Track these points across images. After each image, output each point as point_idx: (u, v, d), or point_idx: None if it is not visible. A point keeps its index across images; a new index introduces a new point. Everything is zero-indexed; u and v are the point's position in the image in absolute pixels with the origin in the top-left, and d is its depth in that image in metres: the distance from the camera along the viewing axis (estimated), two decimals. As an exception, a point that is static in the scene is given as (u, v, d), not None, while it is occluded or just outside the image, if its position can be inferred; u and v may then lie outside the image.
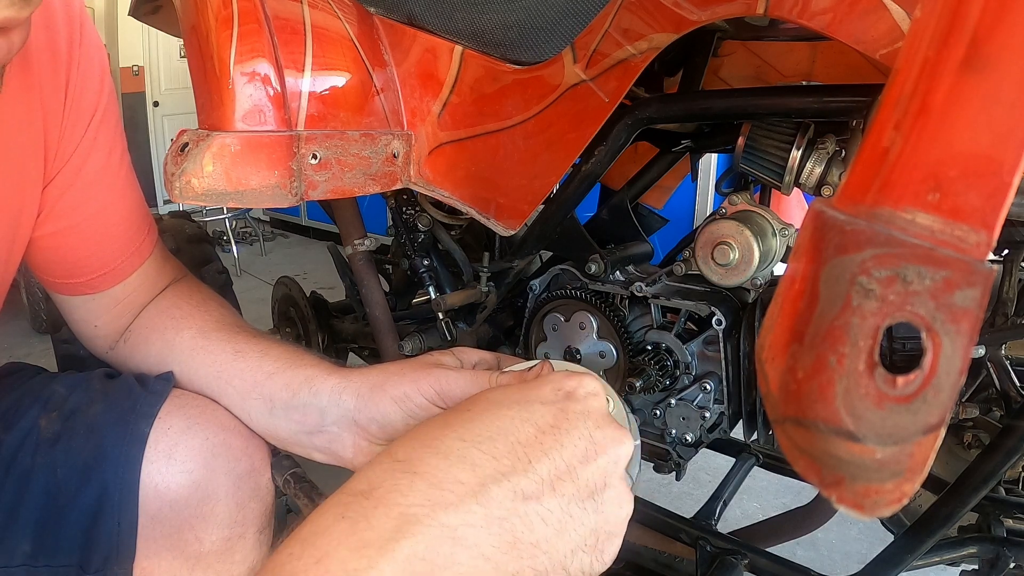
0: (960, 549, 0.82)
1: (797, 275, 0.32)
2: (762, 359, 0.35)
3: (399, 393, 0.54)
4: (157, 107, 5.61)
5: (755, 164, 0.70)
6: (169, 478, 0.57)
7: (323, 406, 0.57)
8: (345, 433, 0.57)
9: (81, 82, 0.61)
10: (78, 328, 0.71)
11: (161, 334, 0.67)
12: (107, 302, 0.68)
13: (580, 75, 0.68)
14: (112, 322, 0.69)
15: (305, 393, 0.58)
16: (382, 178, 0.79)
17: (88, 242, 0.65)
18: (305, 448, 0.60)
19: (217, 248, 1.56)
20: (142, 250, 0.69)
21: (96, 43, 0.63)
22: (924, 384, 0.26)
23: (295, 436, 0.60)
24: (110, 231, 0.66)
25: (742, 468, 0.96)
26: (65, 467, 0.56)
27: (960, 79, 0.26)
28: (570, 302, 0.82)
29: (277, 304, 1.47)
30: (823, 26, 0.50)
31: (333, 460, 0.59)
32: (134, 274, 0.68)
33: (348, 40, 0.78)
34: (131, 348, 0.68)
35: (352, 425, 0.57)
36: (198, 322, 0.67)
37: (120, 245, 0.67)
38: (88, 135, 0.62)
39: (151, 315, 0.69)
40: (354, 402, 0.56)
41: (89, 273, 0.66)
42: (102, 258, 0.66)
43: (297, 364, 0.61)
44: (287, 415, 0.59)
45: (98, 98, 0.63)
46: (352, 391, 0.57)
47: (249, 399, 0.61)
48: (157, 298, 0.70)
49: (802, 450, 0.31)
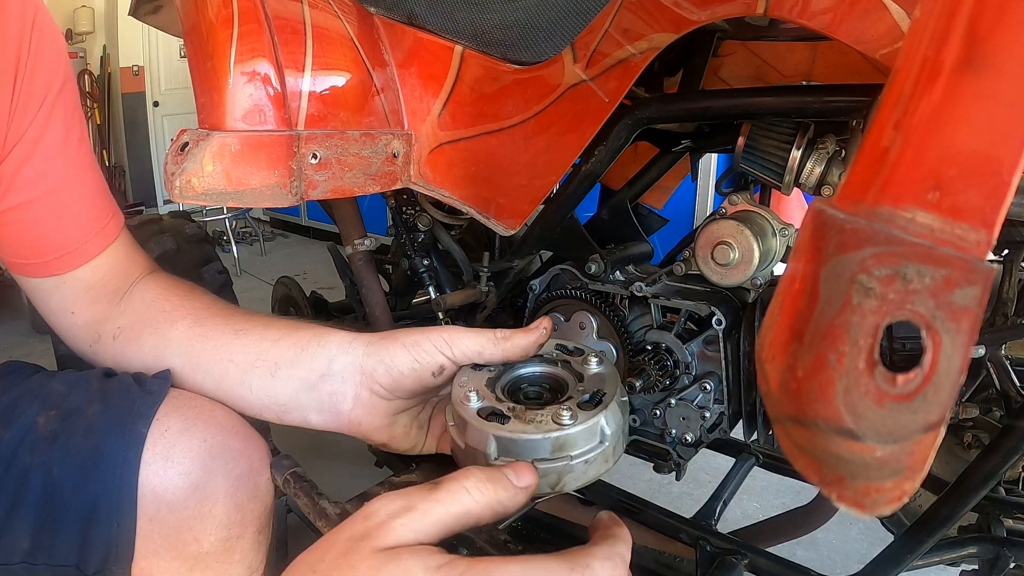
0: (960, 549, 0.82)
1: (797, 274, 0.32)
2: (762, 358, 0.35)
3: (410, 340, 0.58)
4: (157, 107, 5.61)
5: (755, 164, 0.70)
6: (167, 480, 0.57)
7: (332, 354, 0.60)
8: (347, 385, 0.59)
9: (34, 62, 0.61)
10: (56, 320, 0.70)
11: (154, 329, 0.66)
12: (79, 287, 0.67)
13: (580, 75, 0.69)
14: (88, 309, 0.68)
15: (314, 346, 0.61)
16: (382, 178, 0.79)
17: (49, 218, 0.64)
18: (303, 410, 0.61)
19: (217, 248, 1.56)
20: (107, 231, 0.68)
21: (52, 27, 0.64)
22: (924, 382, 0.26)
23: (295, 396, 0.61)
24: (70, 208, 0.65)
25: (742, 468, 0.96)
26: (63, 467, 0.56)
27: (960, 79, 0.26)
28: (570, 302, 0.82)
29: (277, 304, 1.47)
30: (823, 26, 0.51)
31: (329, 419, 0.61)
32: (102, 255, 0.68)
33: (348, 40, 0.78)
34: (123, 345, 0.68)
35: (357, 374, 0.59)
36: (190, 312, 0.67)
37: (82, 223, 0.66)
38: (43, 111, 0.62)
39: (138, 310, 0.68)
40: (364, 348, 0.59)
41: (52, 252, 0.65)
42: (65, 235, 0.65)
43: (305, 327, 0.63)
44: (290, 373, 0.60)
45: (53, 78, 0.63)
46: (362, 340, 0.60)
47: (252, 370, 0.61)
48: (140, 292, 0.70)
49: (802, 449, 0.31)
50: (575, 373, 0.57)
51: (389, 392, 0.59)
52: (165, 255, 1.26)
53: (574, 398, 0.53)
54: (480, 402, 0.53)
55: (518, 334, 0.57)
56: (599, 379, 0.55)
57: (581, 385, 0.55)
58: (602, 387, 0.54)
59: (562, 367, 0.58)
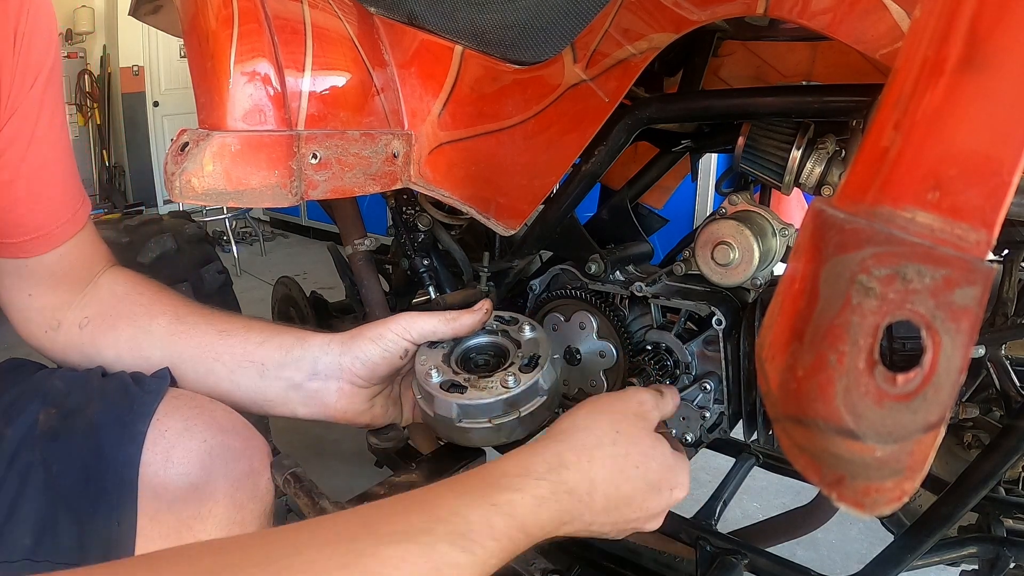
0: (960, 549, 0.82)
1: (797, 274, 0.32)
2: (762, 358, 0.35)
3: (375, 333, 0.66)
4: (157, 107, 5.61)
5: (755, 164, 0.70)
6: (167, 481, 0.57)
7: (315, 356, 0.66)
8: (331, 381, 0.67)
9: (31, 31, 0.60)
10: (9, 297, 0.68)
11: (131, 320, 0.67)
12: (42, 272, 0.67)
13: (580, 75, 0.69)
14: (47, 294, 0.68)
15: (298, 349, 0.67)
16: (382, 178, 0.79)
17: (26, 199, 0.63)
18: (290, 405, 0.68)
19: (217, 248, 1.56)
20: (76, 219, 0.68)
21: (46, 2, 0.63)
22: (924, 382, 0.26)
23: (283, 393, 0.67)
24: (47, 192, 0.65)
25: (742, 468, 0.96)
26: (63, 465, 0.56)
27: (960, 79, 0.26)
28: (570, 302, 0.82)
29: (277, 304, 1.47)
30: (823, 26, 0.51)
31: (317, 411, 0.68)
32: (68, 243, 0.67)
33: (348, 40, 0.78)
34: (92, 335, 0.67)
35: (338, 370, 0.66)
36: (169, 308, 0.68)
37: (55, 209, 0.66)
38: (36, 90, 0.62)
39: (109, 301, 0.68)
40: (340, 348, 0.66)
41: (23, 234, 0.64)
42: (37, 219, 0.65)
43: (285, 330, 0.69)
44: (278, 374, 0.66)
45: (46, 56, 0.63)
46: (337, 341, 0.67)
47: (239, 369, 0.66)
48: (109, 283, 0.70)
49: (802, 449, 0.31)
50: (513, 341, 0.69)
51: (366, 381, 0.67)
52: (165, 255, 1.26)
53: (515, 363, 0.65)
54: (440, 376, 0.64)
55: (465, 314, 0.67)
56: (534, 343, 0.67)
57: (520, 351, 0.67)
58: (536, 351, 0.66)
59: (502, 336, 0.70)
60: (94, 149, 5.51)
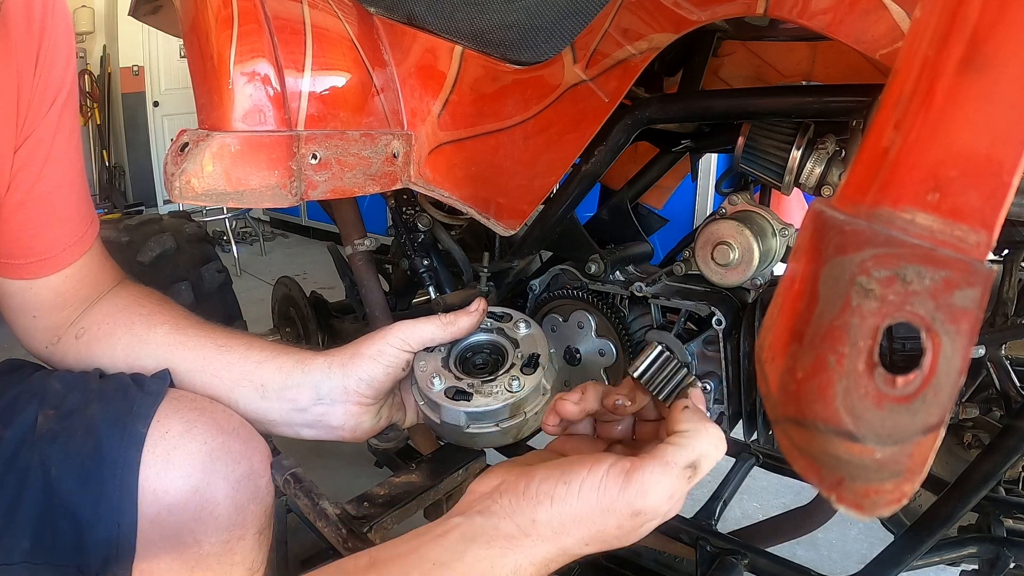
0: (960, 549, 0.82)
1: (797, 275, 0.32)
2: (762, 359, 0.35)
3: (374, 350, 0.65)
4: (157, 107, 5.60)
5: (755, 164, 0.70)
6: (168, 482, 0.57)
7: (316, 381, 0.65)
8: (337, 404, 0.65)
9: (52, 51, 0.61)
10: (13, 318, 0.69)
11: (128, 329, 0.66)
12: (46, 293, 0.67)
13: (580, 75, 0.68)
14: (51, 314, 0.68)
15: (298, 374, 0.65)
16: (382, 178, 0.79)
17: (36, 221, 0.63)
18: (294, 427, 0.66)
19: (217, 248, 1.56)
20: (84, 241, 0.68)
21: (66, 17, 0.63)
22: (924, 384, 0.26)
23: (286, 416, 0.66)
24: (58, 213, 0.65)
25: (742, 468, 0.96)
26: (63, 467, 0.56)
27: (960, 79, 0.26)
28: (570, 302, 0.82)
29: (277, 304, 1.47)
30: (823, 26, 0.50)
31: (322, 433, 0.67)
32: (74, 265, 0.67)
33: (348, 40, 0.78)
34: (88, 344, 0.67)
35: (343, 393, 0.65)
36: (169, 319, 0.67)
37: (65, 231, 0.66)
38: (54, 110, 0.62)
39: (109, 311, 0.68)
40: (341, 371, 0.65)
41: (31, 256, 0.64)
42: (47, 241, 0.65)
43: (283, 352, 0.67)
44: (280, 396, 0.65)
45: (65, 78, 0.63)
46: (338, 364, 0.65)
47: (238, 388, 0.65)
48: (110, 295, 0.69)
49: (802, 450, 0.31)
50: (510, 339, 0.69)
51: (372, 399, 0.66)
52: (165, 255, 1.26)
53: (516, 364, 0.66)
54: (443, 383, 0.64)
55: (461, 317, 0.66)
56: (531, 341, 0.68)
57: (518, 350, 0.67)
58: (534, 348, 0.67)
59: (498, 334, 0.70)
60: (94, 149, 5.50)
